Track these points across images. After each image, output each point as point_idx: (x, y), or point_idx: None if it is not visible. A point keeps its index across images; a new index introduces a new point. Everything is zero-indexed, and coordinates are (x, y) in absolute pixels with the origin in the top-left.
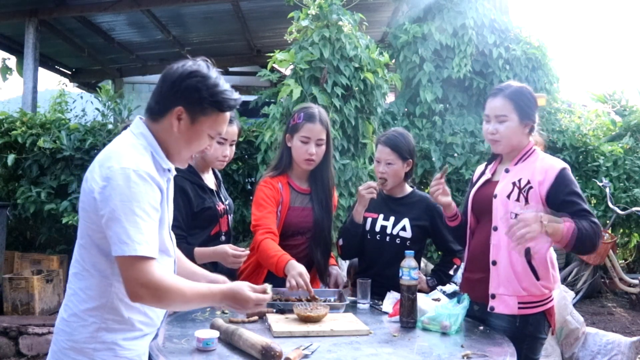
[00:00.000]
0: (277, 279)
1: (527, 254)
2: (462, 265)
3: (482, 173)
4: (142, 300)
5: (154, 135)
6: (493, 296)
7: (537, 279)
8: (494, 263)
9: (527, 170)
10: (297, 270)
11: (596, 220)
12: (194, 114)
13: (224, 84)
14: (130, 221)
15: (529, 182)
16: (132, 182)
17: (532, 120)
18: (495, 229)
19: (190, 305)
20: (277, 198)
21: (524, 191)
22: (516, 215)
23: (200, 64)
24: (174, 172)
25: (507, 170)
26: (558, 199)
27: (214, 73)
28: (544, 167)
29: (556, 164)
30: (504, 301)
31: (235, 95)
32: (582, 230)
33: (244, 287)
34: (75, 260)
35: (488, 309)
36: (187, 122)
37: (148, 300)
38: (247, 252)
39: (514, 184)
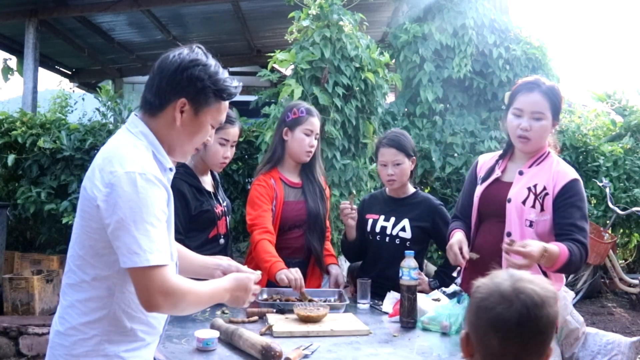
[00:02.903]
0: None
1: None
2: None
3: (491, 169)
4: (159, 309)
5: (152, 132)
6: None
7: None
8: None
9: (542, 175)
10: (287, 274)
11: (586, 242)
12: (198, 105)
13: (223, 71)
14: (140, 230)
15: (545, 189)
16: (139, 187)
17: (559, 120)
18: (509, 234)
19: (202, 307)
20: (271, 195)
21: (540, 198)
22: (531, 222)
23: (198, 52)
24: (174, 171)
25: (520, 173)
26: (560, 206)
27: (212, 60)
28: (558, 174)
29: (570, 173)
30: None
31: (235, 82)
32: (572, 257)
33: (242, 276)
34: (70, 270)
35: None
36: (190, 114)
37: (166, 307)
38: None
39: (529, 189)
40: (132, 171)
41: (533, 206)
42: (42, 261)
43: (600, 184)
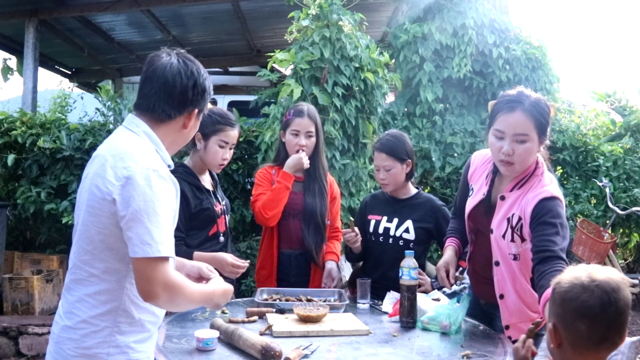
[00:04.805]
0: (286, 279)
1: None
2: (467, 267)
3: (481, 187)
4: (156, 301)
5: (158, 135)
6: (507, 327)
7: None
8: (502, 297)
9: (519, 202)
10: (290, 161)
11: (562, 255)
12: (200, 111)
13: None
14: (153, 222)
15: (520, 219)
16: (152, 182)
17: (547, 136)
18: (497, 264)
19: (194, 306)
20: (269, 179)
21: (517, 230)
22: (515, 256)
23: (194, 60)
24: (172, 167)
25: (502, 198)
26: (533, 229)
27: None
28: (528, 200)
29: (541, 194)
30: (519, 328)
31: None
32: None
33: (229, 286)
34: (75, 266)
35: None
36: (195, 119)
37: (163, 300)
38: (247, 264)
39: (508, 220)
40: (146, 167)
41: (512, 240)
42: (42, 261)
43: (600, 184)
